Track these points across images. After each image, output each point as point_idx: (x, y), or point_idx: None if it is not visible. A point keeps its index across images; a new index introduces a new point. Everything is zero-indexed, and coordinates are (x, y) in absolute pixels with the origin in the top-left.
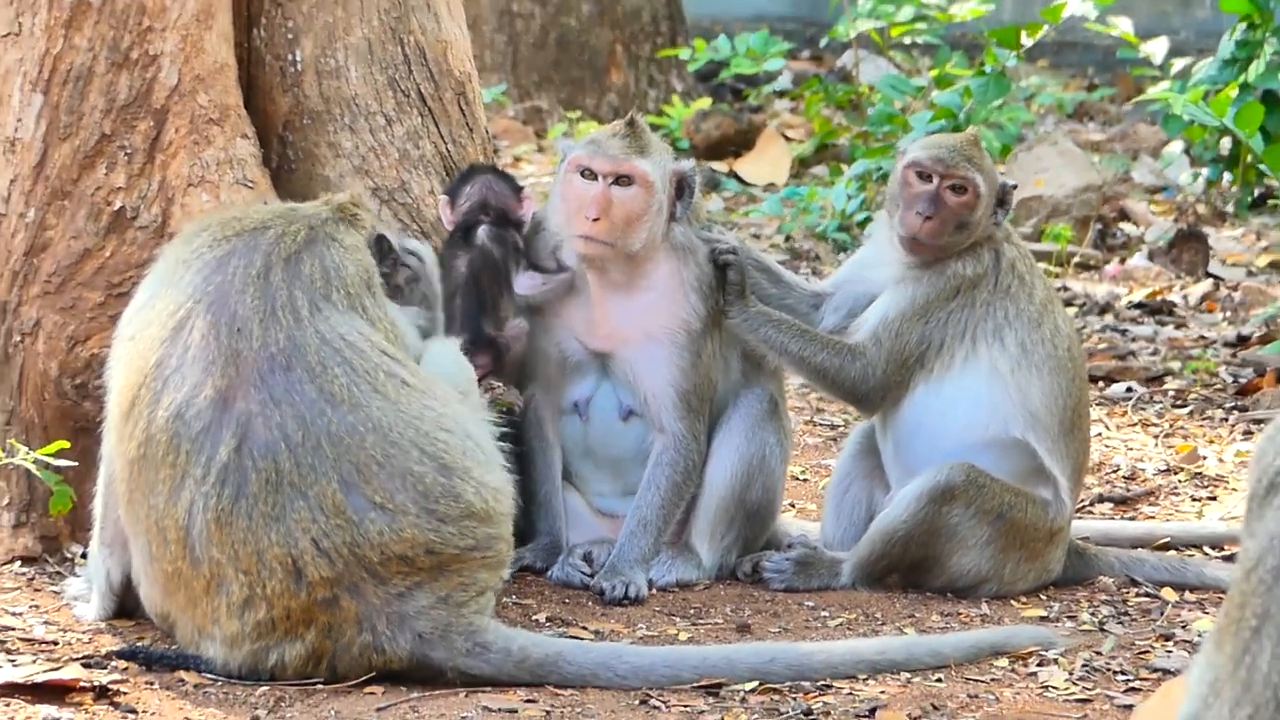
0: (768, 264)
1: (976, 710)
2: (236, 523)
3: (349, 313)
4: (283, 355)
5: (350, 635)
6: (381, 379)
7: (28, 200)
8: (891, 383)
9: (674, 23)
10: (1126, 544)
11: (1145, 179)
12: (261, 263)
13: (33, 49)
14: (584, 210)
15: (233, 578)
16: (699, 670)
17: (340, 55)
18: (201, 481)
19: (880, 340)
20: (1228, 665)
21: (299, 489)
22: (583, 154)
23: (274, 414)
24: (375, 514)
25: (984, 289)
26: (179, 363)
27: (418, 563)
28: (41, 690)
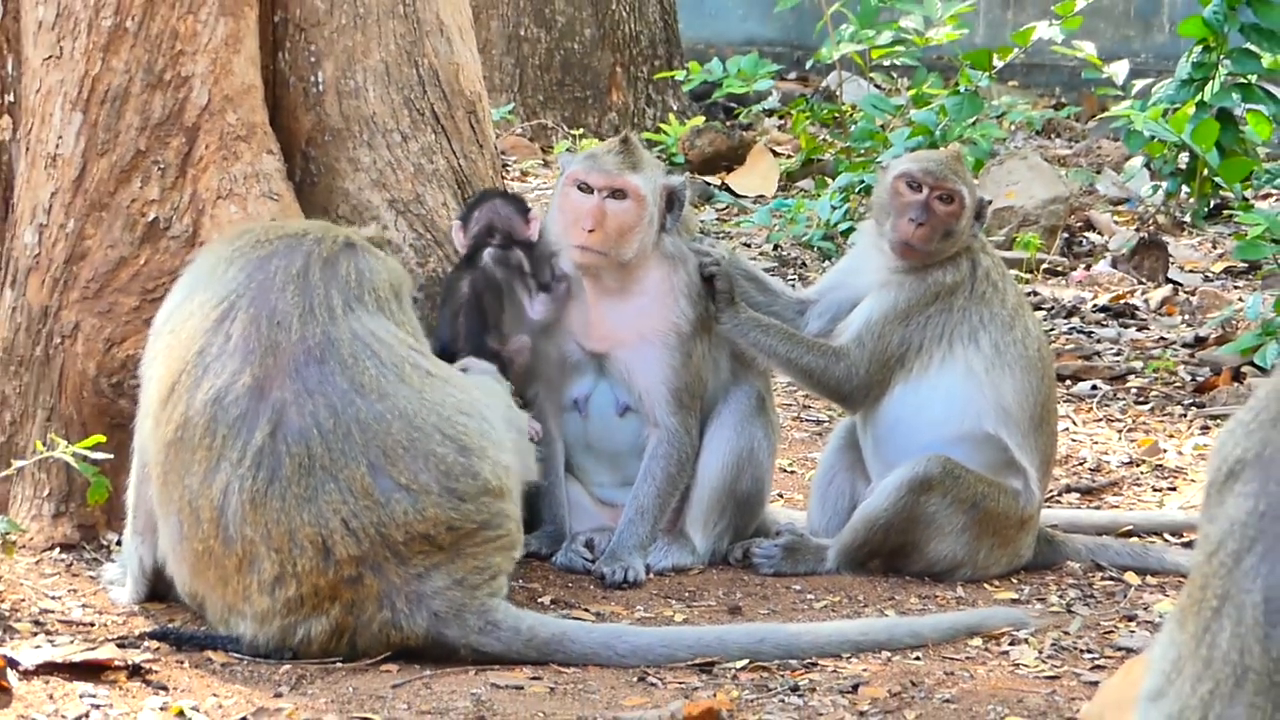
0: (755, 273)
1: (952, 687)
2: (270, 504)
3: (377, 314)
4: (318, 349)
5: (371, 612)
6: (407, 370)
7: (67, 212)
8: (874, 381)
9: (670, 46)
10: (1092, 531)
11: (1109, 191)
12: (301, 263)
13: (73, 71)
14: (580, 222)
15: (265, 555)
16: (694, 650)
17: (359, 77)
18: (237, 465)
19: (864, 342)
20: (1190, 644)
21: (330, 472)
22: (579, 169)
23: (307, 403)
24: (401, 495)
25: (961, 295)
26: (220, 351)
27: (438, 540)
28: (78, 669)
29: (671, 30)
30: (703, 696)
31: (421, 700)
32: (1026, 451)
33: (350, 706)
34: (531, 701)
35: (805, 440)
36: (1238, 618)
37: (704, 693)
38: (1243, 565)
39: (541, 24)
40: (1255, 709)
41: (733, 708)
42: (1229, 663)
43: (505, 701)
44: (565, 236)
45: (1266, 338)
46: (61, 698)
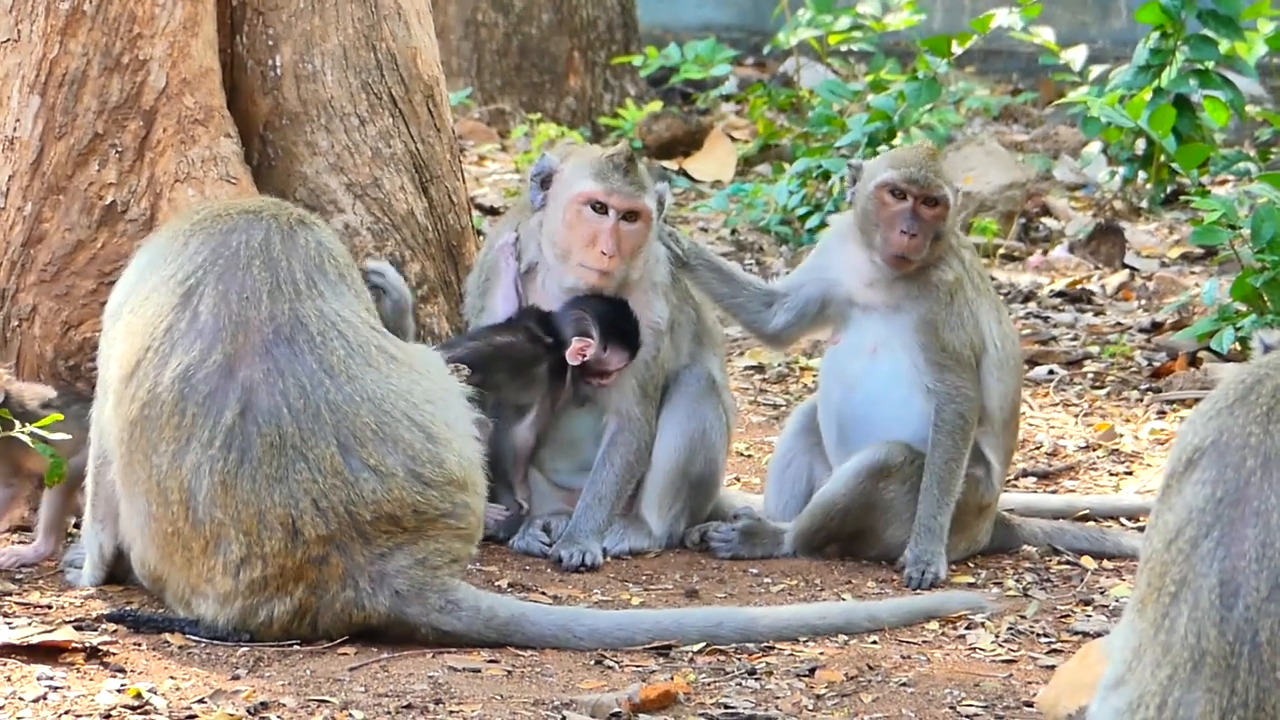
0: (719, 265)
1: (909, 670)
2: (241, 484)
3: (339, 284)
4: (287, 327)
5: (335, 591)
6: (374, 353)
7: (25, 195)
8: (976, 390)
9: (628, 31)
10: (1049, 515)
11: (1066, 177)
12: (262, 236)
13: (30, 54)
14: (598, 245)
15: (233, 537)
16: (651, 633)
17: (317, 60)
18: (208, 445)
19: (953, 370)
20: (1149, 630)
21: (300, 451)
22: (595, 189)
23: (277, 382)
24: (369, 475)
25: (968, 288)
26: (189, 328)
27: (404, 523)
28: (35, 651)
29: (629, 15)
30: (660, 679)
31: (379, 683)
32: (993, 448)
33: (308, 689)
34: (489, 684)
35: (762, 424)
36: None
37: (661, 675)
38: (1199, 550)
39: (499, 9)
40: (1212, 692)
41: (690, 691)
42: (1186, 646)
43: (463, 684)
44: (575, 255)
45: (1223, 323)
46: (19, 680)
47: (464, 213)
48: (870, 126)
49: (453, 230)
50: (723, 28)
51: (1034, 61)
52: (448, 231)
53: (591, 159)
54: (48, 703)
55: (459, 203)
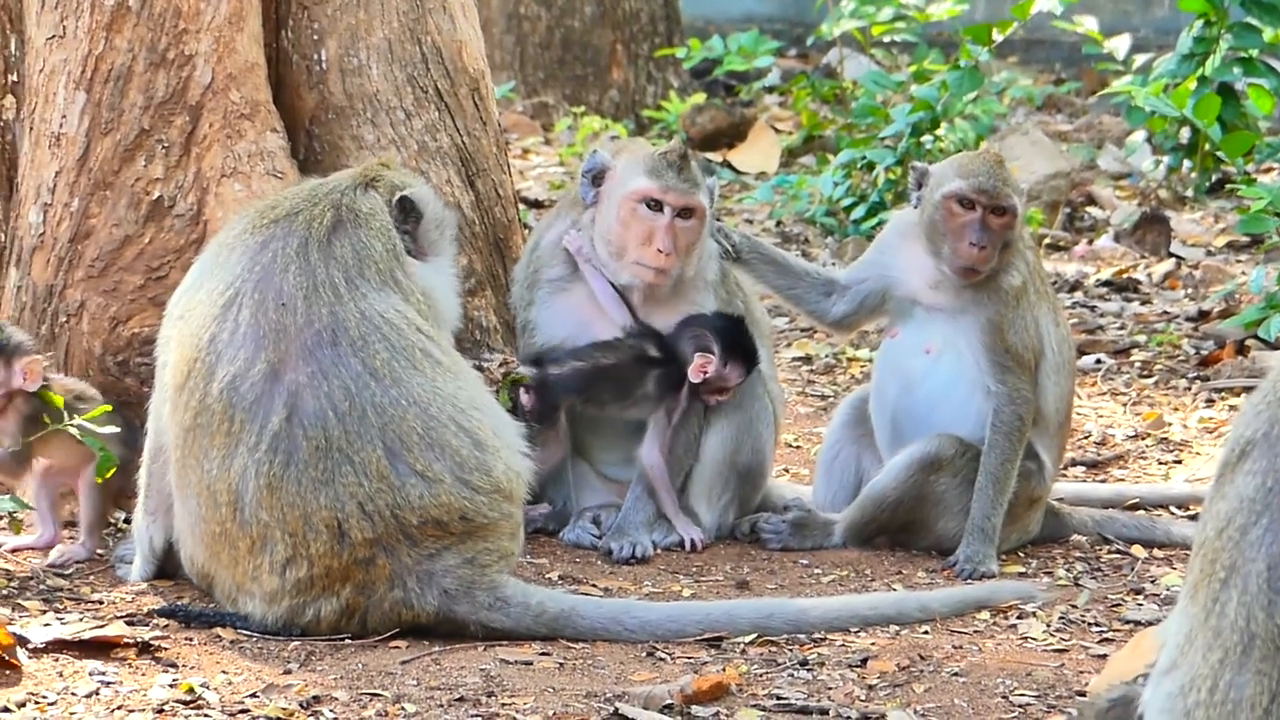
0: (774, 256)
1: (961, 660)
2: (287, 487)
3: (383, 289)
4: (327, 330)
5: (382, 592)
6: (418, 356)
7: (72, 191)
8: (1033, 393)
9: (670, 23)
10: (1098, 504)
11: (1110, 166)
12: (298, 242)
13: (76, 50)
14: (655, 243)
15: (278, 538)
16: (702, 624)
17: (362, 54)
18: (254, 449)
19: (1014, 373)
20: (1200, 615)
21: (346, 455)
22: (651, 186)
23: (322, 385)
24: (416, 480)
25: (1031, 292)
26: (230, 338)
27: (450, 528)
28: (88, 646)
29: (672, 7)
30: (712, 671)
31: (431, 676)
32: (1047, 447)
33: (360, 683)
34: (541, 677)
35: (810, 415)
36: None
37: (713, 667)
38: (1249, 537)
39: (542, 2)
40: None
41: (742, 682)
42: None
43: (514, 677)
44: (630, 253)
45: (1270, 311)
46: (71, 675)
47: (510, 206)
48: (913, 117)
49: (499, 223)
50: (765, 19)
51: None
52: (494, 225)
53: (645, 155)
54: (100, 698)
55: (505, 196)
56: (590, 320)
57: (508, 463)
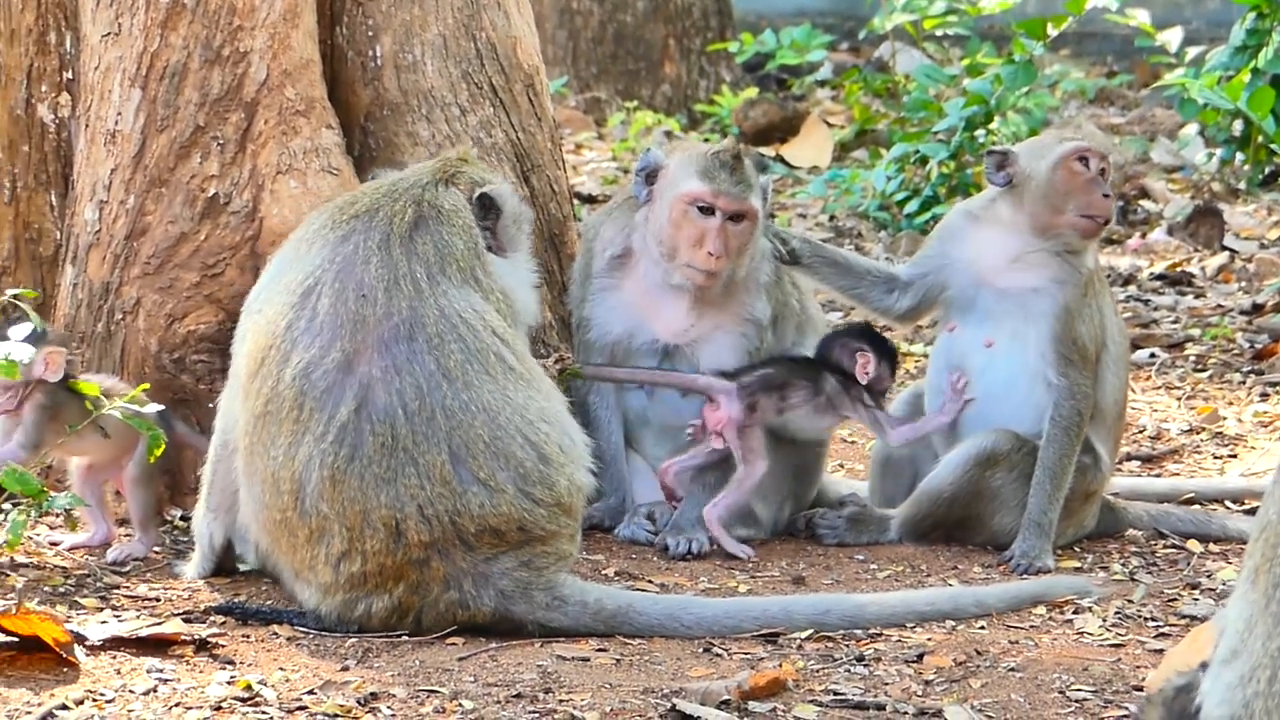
0: (834, 256)
1: (1017, 655)
2: (349, 481)
3: (464, 286)
4: (405, 324)
5: (437, 592)
6: (492, 361)
7: (127, 188)
8: (1093, 388)
9: (723, 18)
10: (1154, 499)
11: (1163, 159)
12: (380, 237)
13: (131, 47)
14: (705, 246)
15: (336, 531)
16: (759, 620)
17: (417, 50)
18: (320, 439)
19: (1076, 366)
20: (1261, 601)
21: (411, 455)
22: (701, 190)
23: (394, 381)
24: (478, 488)
25: (1097, 280)
26: (308, 325)
27: (508, 537)
28: (145, 643)
29: (724, 2)
30: (768, 667)
31: (488, 673)
32: (1102, 439)
33: (417, 679)
34: (598, 673)
35: None
36: None
37: (769, 663)
38: None
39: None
40: None
41: (799, 678)
42: None
43: (571, 673)
44: (681, 255)
45: None
46: (129, 673)
47: (565, 201)
48: (967, 111)
49: (554, 219)
50: (817, 13)
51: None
52: (549, 220)
53: (697, 156)
54: (158, 695)
55: (560, 191)
56: (645, 317)
57: (571, 477)
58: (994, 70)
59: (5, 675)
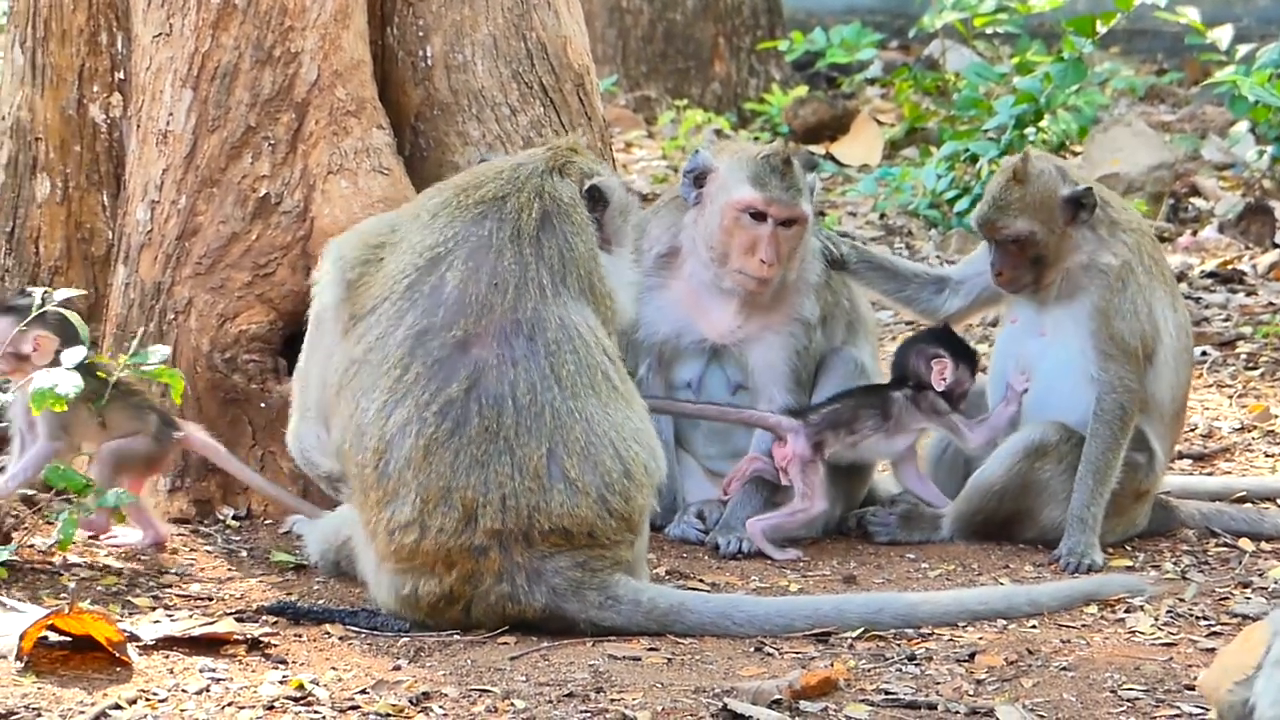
0: (882, 261)
1: (1069, 654)
2: (443, 455)
3: (580, 299)
4: (528, 324)
5: (489, 584)
6: (599, 378)
7: (179, 188)
8: (1139, 383)
9: (773, 16)
10: (1205, 497)
11: (1214, 157)
12: (511, 231)
13: (183, 48)
14: (758, 253)
15: (409, 500)
16: (811, 620)
17: (468, 51)
18: (424, 407)
19: (1118, 361)
20: None
21: (510, 445)
22: (754, 197)
23: (509, 372)
24: (564, 486)
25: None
26: (431, 292)
27: (575, 539)
28: (198, 643)
29: (773, 0)
30: (820, 666)
31: (540, 672)
32: (1159, 437)
33: (469, 678)
34: (649, 672)
35: None
36: None
37: (821, 662)
38: None
39: None
40: None
41: (850, 677)
42: None
43: (623, 672)
44: (733, 261)
45: None
46: (181, 672)
47: None
48: (1017, 109)
49: None
50: (867, 11)
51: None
52: None
53: (748, 160)
54: (210, 694)
55: None
56: (693, 317)
57: (646, 498)
58: (1044, 68)
59: (59, 675)
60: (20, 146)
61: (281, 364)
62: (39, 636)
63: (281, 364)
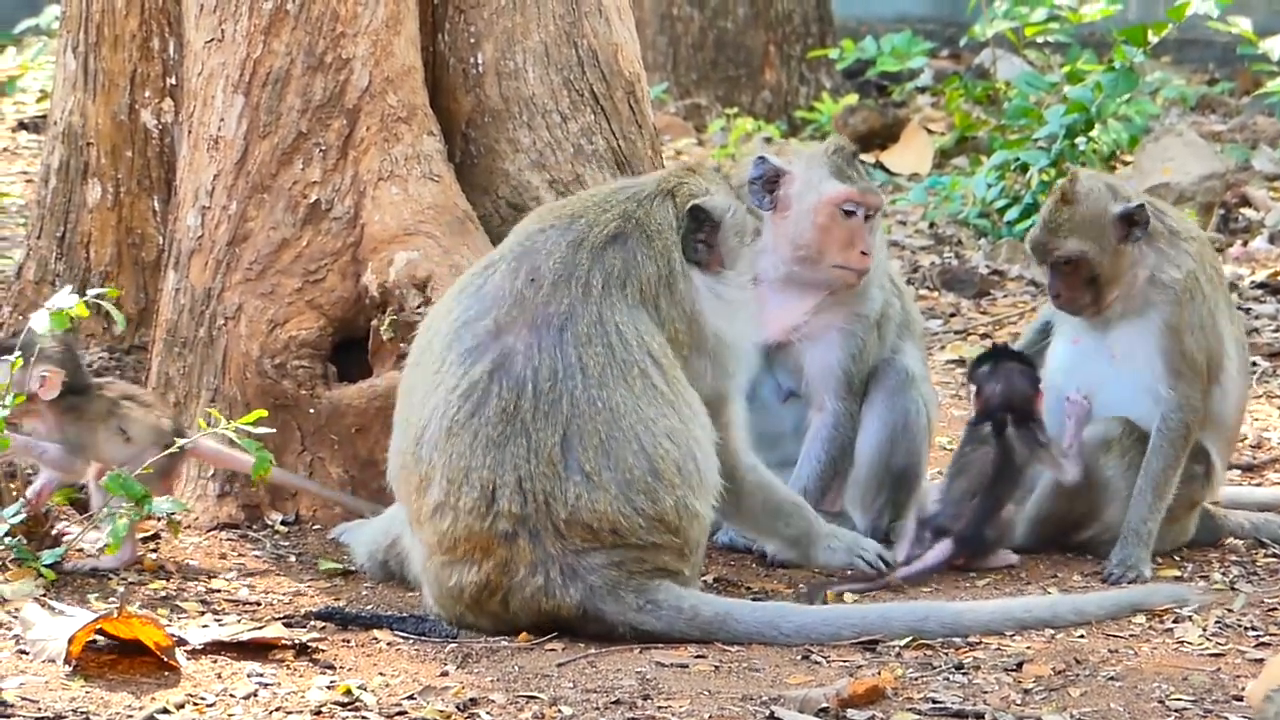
0: None
1: (1117, 664)
2: (463, 436)
3: (638, 307)
4: (558, 317)
5: (524, 575)
6: (634, 373)
7: (230, 194)
8: (1202, 401)
9: (823, 24)
10: (1254, 508)
11: (1265, 167)
12: (572, 239)
13: (234, 54)
14: (857, 245)
15: (438, 482)
16: (858, 628)
17: (519, 58)
18: (451, 390)
19: (1187, 379)
20: None
21: (526, 428)
22: (851, 191)
23: (534, 358)
24: (579, 478)
25: (1204, 284)
26: (476, 290)
27: (601, 536)
28: (246, 648)
29: (824, 8)
30: (867, 675)
31: (587, 679)
32: (1220, 453)
33: (516, 685)
34: (697, 680)
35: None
36: None
37: (868, 670)
38: None
39: (694, 3)
40: None
41: (897, 685)
42: None
43: (670, 680)
44: (830, 257)
45: None
46: (230, 677)
47: None
48: (1068, 118)
49: None
50: (918, 20)
51: (1230, 51)
52: None
53: (824, 158)
54: (258, 699)
55: None
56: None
57: (682, 500)
58: (1095, 77)
59: (107, 679)
60: (72, 151)
61: (331, 370)
62: (87, 640)
63: (331, 370)
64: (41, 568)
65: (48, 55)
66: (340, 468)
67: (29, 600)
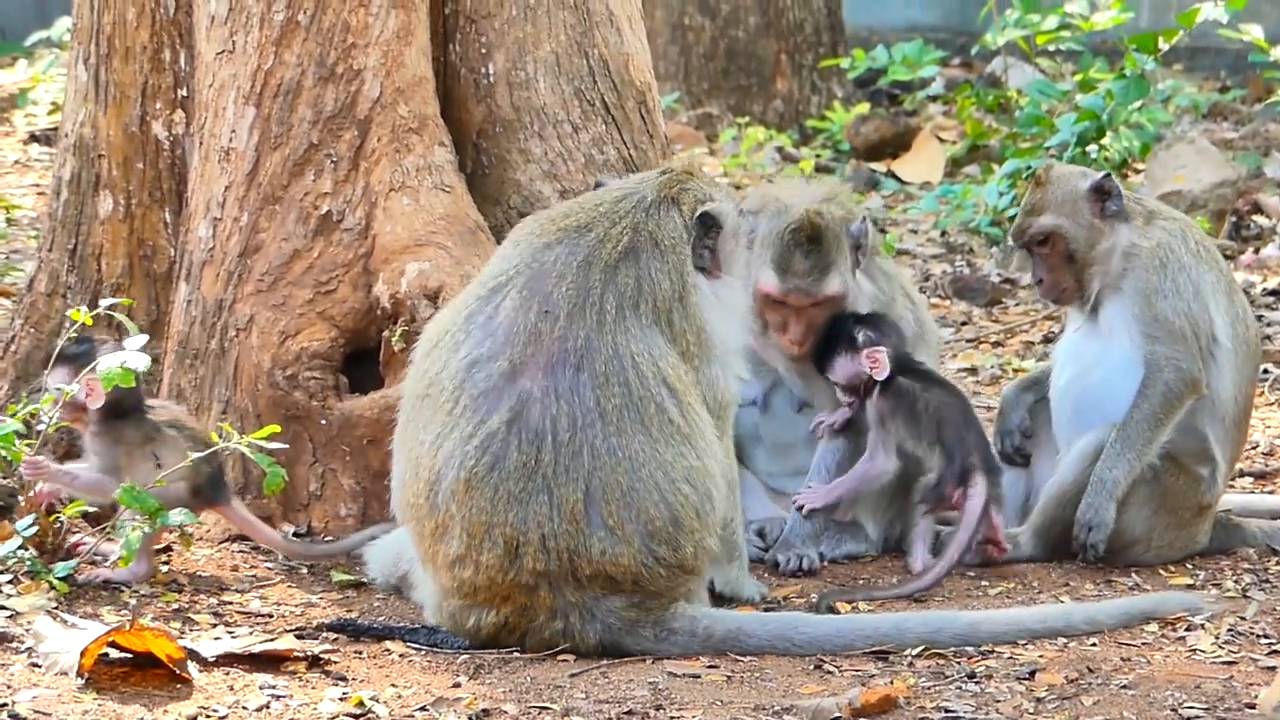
0: None
1: (1129, 672)
2: (483, 490)
3: (651, 327)
4: (575, 354)
5: (543, 620)
6: (651, 412)
7: (241, 205)
8: (1192, 365)
9: (835, 34)
10: (1266, 515)
11: (1277, 174)
12: (583, 257)
13: (245, 65)
14: (787, 334)
15: (458, 534)
16: (870, 639)
17: (530, 68)
18: (467, 439)
19: (1164, 341)
20: None
21: (549, 484)
22: (774, 288)
23: (552, 405)
24: (604, 533)
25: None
26: (485, 322)
27: (621, 586)
28: (258, 660)
29: (836, 17)
30: (880, 684)
31: (599, 690)
32: (1221, 445)
33: (528, 696)
34: (709, 690)
35: None
36: None
37: (881, 680)
38: None
39: (706, 12)
40: None
41: (910, 695)
42: None
43: (682, 690)
44: (766, 332)
45: None
46: (242, 688)
47: None
48: (1079, 126)
49: None
50: (929, 28)
51: (1242, 58)
52: None
53: (775, 236)
54: (270, 711)
55: None
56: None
57: (700, 543)
58: (1106, 85)
59: (119, 691)
60: (83, 163)
61: (342, 381)
62: (100, 653)
63: (342, 381)
64: (54, 580)
65: (59, 67)
66: (352, 479)
67: (41, 613)
